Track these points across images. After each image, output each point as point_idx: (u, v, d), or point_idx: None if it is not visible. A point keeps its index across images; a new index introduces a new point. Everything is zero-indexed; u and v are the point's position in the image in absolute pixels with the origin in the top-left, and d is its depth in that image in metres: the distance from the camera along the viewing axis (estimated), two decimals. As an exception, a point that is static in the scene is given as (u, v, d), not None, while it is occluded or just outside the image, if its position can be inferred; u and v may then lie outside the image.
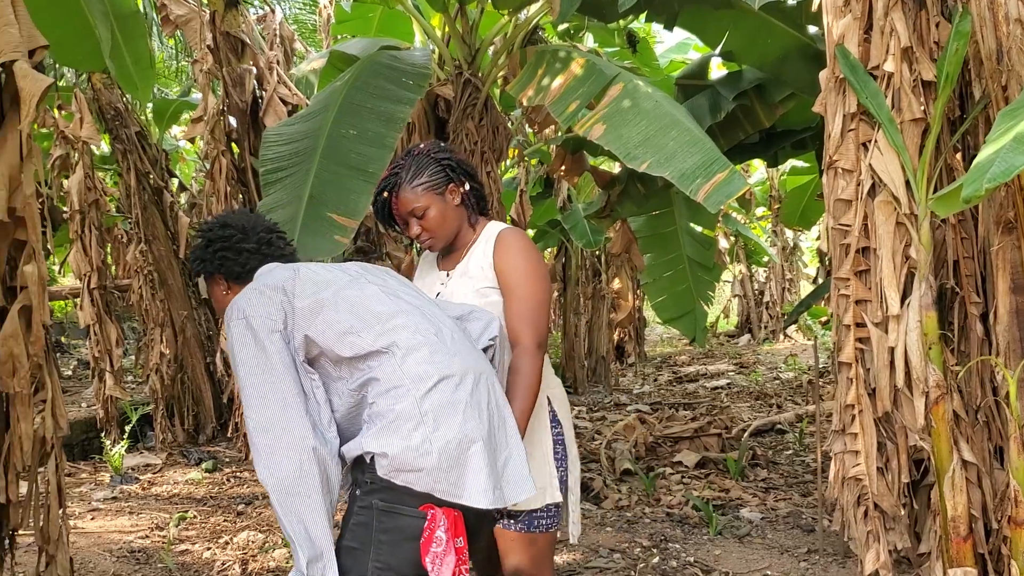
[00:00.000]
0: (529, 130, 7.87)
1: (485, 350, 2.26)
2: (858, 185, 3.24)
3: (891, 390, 3.21)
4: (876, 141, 3.16)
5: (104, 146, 9.52)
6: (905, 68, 3.09)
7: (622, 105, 3.71)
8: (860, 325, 3.29)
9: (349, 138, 3.90)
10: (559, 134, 6.45)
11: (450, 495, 1.97)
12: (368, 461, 2.02)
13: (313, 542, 1.97)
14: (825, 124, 3.37)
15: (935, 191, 3.07)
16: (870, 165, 3.17)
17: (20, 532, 3.09)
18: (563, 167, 5.88)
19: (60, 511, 2.91)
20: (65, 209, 7.21)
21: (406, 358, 2.04)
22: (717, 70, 6.53)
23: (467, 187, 2.54)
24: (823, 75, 3.38)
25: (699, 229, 6.36)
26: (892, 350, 3.17)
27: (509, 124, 5.41)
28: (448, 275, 2.58)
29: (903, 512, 3.34)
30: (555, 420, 2.48)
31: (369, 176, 3.81)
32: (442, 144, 2.64)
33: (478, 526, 2.11)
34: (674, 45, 10.40)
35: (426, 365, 2.03)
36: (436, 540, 1.97)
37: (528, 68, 4.21)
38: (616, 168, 7.78)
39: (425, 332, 2.10)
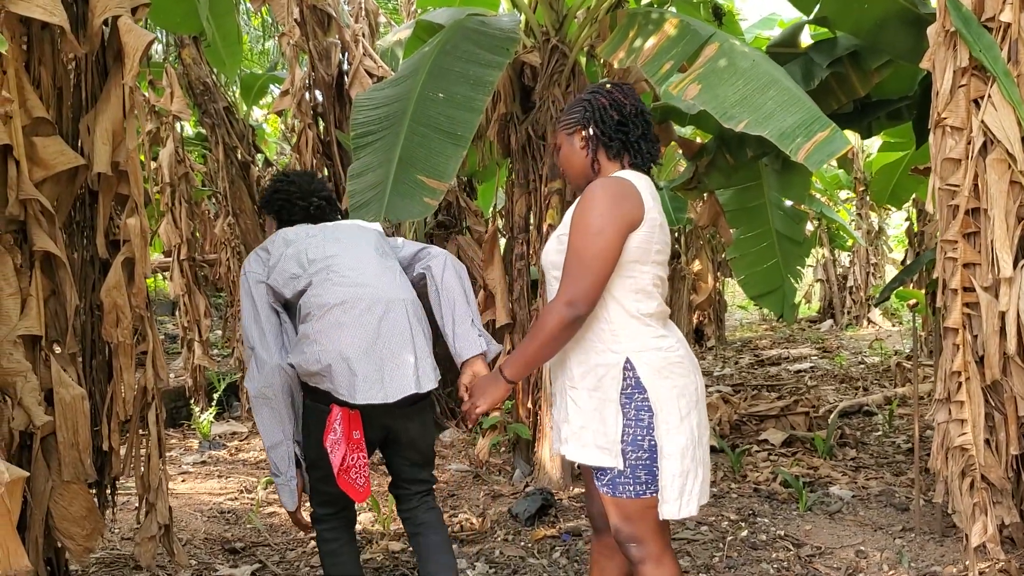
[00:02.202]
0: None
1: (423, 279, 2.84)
2: (968, 143, 3.11)
3: (1001, 357, 3.08)
4: (990, 96, 3.02)
5: (188, 128, 9.73)
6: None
7: (718, 64, 3.61)
8: (968, 290, 3.16)
9: (438, 102, 3.89)
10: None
11: (340, 395, 2.57)
12: None
13: (273, 435, 2.74)
14: (933, 81, 3.23)
15: (1054, 147, 2.93)
16: (982, 121, 3.04)
17: (120, 481, 3.18)
18: (649, 137, 5.77)
19: (160, 461, 2.96)
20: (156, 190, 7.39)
21: (316, 292, 2.66)
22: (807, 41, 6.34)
23: (590, 132, 2.45)
24: (931, 30, 3.25)
25: (789, 203, 6.20)
26: (1003, 315, 3.04)
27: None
28: None
29: (1010, 487, 3.21)
30: (638, 385, 2.31)
31: (458, 139, 3.79)
32: (609, 86, 2.50)
33: (378, 419, 2.68)
34: (758, 21, 10.16)
35: (326, 296, 2.63)
36: (333, 430, 2.59)
37: (619, 30, 4.13)
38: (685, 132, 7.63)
39: (337, 270, 2.68)
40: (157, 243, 9.63)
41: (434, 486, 2.99)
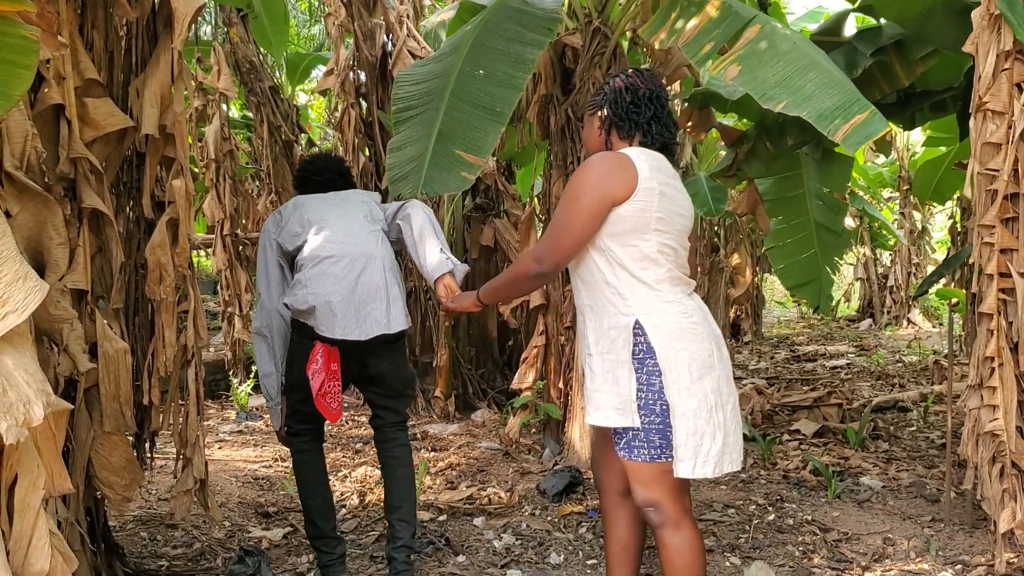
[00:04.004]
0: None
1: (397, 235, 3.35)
2: (1009, 128, 3.09)
3: (1035, 344, 3.06)
4: (1032, 80, 3.00)
5: (234, 111, 9.87)
6: (1069, 1, 2.92)
7: (759, 47, 3.60)
8: (1004, 275, 3.14)
9: (478, 78, 3.92)
10: (683, 89, 6.35)
11: (321, 331, 3.08)
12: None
13: (266, 366, 3.31)
14: (975, 64, 3.21)
15: (1096, 132, 2.90)
16: (1024, 106, 3.01)
17: (158, 447, 3.27)
18: (690, 123, 5.79)
19: (198, 417, 3.04)
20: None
21: (309, 247, 3.16)
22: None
23: (605, 113, 2.61)
24: (975, 14, 3.22)
25: (828, 191, 6.15)
26: (1039, 301, 3.02)
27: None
28: None
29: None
30: (648, 348, 2.41)
31: (497, 115, 3.82)
32: (630, 70, 2.67)
33: (355, 355, 3.18)
34: (804, 14, 10.10)
35: (317, 250, 3.14)
36: (315, 361, 3.10)
37: (661, 11, 4.13)
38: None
39: (328, 229, 3.18)
40: (202, 220, 9.79)
41: (407, 422, 3.55)
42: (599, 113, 2.64)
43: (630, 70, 2.67)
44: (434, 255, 3.17)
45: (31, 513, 1.43)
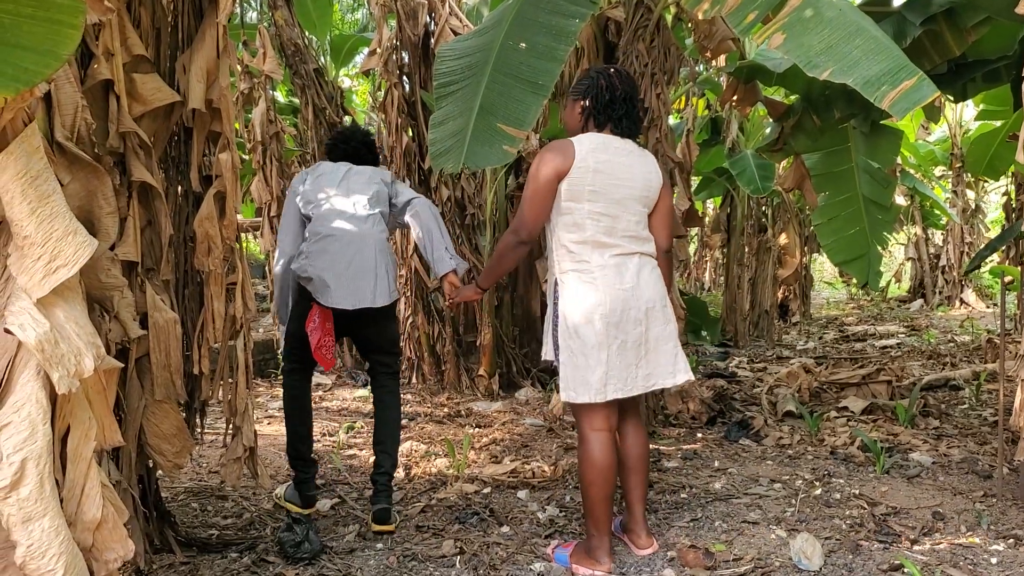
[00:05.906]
0: (699, 68, 7.71)
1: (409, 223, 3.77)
2: (1063, 91, 3.01)
3: (1090, 312, 2.99)
4: (1087, 40, 2.92)
5: (280, 96, 9.96)
6: None
7: (804, 15, 3.54)
8: (1058, 242, 3.08)
9: (520, 51, 3.91)
10: (728, 63, 6.27)
11: (318, 298, 3.52)
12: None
13: (279, 302, 3.85)
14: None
15: None
16: (1079, 67, 2.94)
17: (208, 421, 3.32)
18: (735, 97, 5.72)
19: (247, 386, 3.09)
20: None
21: (315, 222, 3.58)
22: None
23: (586, 104, 3.15)
24: (1029, -27, 3.15)
25: (876, 165, 6.04)
26: (1094, 268, 2.95)
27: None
28: None
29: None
30: (558, 301, 3.08)
31: (538, 88, 3.81)
32: (612, 70, 3.19)
33: (344, 319, 3.61)
34: (853, -12, 9.91)
35: (320, 227, 3.55)
36: (313, 321, 3.57)
37: (704, -19, 4.09)
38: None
39: (333, 209, 3.57)
40: (249, 205, 9.91)
41: (399, 371, 3.94)
42: (582, 102, 3.17)
43: (611, 70, 3.19)
44: (440, 253, 3.66)
45: (83, 463, 1.47)
